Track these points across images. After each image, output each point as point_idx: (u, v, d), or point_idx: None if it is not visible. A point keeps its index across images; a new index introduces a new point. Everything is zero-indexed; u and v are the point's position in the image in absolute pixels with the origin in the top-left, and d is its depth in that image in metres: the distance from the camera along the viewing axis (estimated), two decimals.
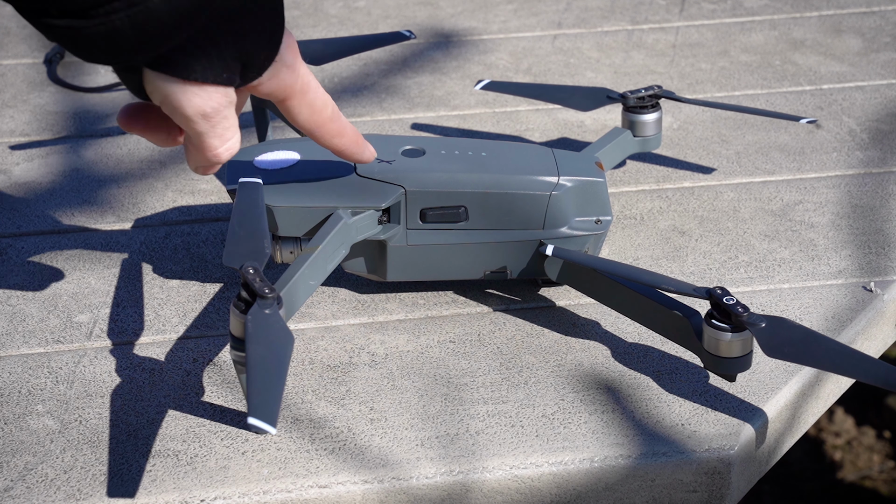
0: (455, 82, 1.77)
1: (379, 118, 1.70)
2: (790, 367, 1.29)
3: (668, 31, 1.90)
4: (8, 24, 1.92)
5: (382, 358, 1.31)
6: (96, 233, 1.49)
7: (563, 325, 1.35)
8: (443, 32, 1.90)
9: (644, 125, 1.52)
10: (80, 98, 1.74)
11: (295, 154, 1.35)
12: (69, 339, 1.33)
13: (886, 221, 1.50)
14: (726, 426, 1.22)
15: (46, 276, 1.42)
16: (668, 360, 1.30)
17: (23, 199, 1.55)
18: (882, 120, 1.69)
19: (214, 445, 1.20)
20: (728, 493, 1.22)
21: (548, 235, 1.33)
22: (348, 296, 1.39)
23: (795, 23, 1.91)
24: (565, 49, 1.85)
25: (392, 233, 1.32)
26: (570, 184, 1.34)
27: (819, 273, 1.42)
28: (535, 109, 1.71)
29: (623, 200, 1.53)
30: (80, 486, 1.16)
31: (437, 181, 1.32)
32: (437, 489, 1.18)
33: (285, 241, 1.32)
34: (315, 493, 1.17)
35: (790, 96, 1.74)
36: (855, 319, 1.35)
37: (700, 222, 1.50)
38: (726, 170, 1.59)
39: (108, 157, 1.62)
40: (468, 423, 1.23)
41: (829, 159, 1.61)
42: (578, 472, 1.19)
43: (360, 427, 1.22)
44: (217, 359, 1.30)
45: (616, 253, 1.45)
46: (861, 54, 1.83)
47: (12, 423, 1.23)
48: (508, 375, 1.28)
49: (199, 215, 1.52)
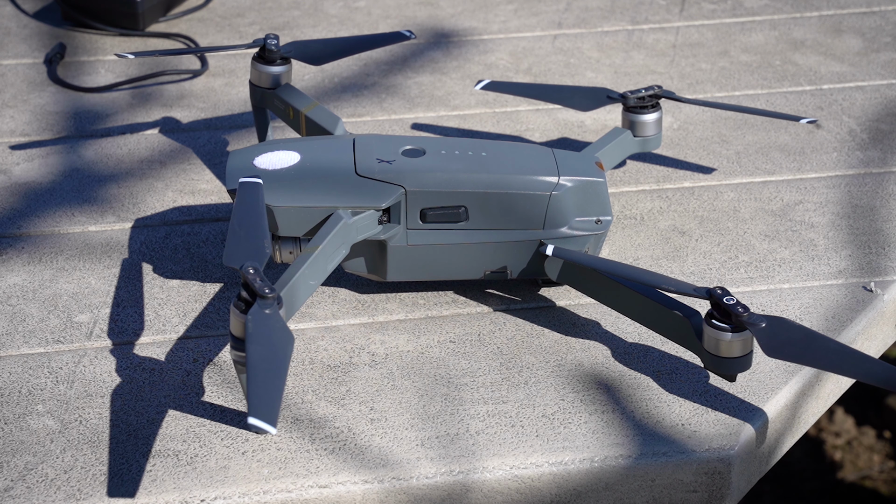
0: (455, 82, 1.77)
1: (379, 118, 1.70)
2: (790, 367, 1.29)
3: (668, 31, 1.90)
4: (8, 24, 1.92)
5: (382, 358, 1.31)
6: (96, 233, 1.49)
7: (563, 325, 1.35)
8: (443, 32, 1.90)
9: (644, 125, 1.52)
10: (80, 98, 1.74)
11: (295, 154, 1.35)
12: (69, 339, 1.33)
13: (886, 221, 1.50)
14: (726, 426, 1.22)
15: (46, 276, 1.42)
16: (668, 360, 1.30)
17: (23, 199, 1.55)
18: (882, 120, 1.69)
19: (214, 445, 1.20)
20: (728, 493, 1.22)
21: (548, 235, 1.33)
22: (348, 296, 1.39)
23: (795, 23, 1.91)
24: (565, 49, 1.85)
25: (392, 233, 1.32)
26: (570, 184, 1.34)
27: (819, 273, 1.42)
28: (535, 109, 1.71)
29: (623, 200, 1.53)
30: (80, 486, 1.16)
31: (437, 181, 1.32)
32: (437, 489, 1.18)
33: (285, 241, 1.32)
34: (315, 493, 1.17)
35: (790, 96, 1.74)
36: (855, 319, 1.35)
37: (700, 222, 1.50)
38: (726, 170, 1.59)
39: (108, 157, 1.62)
40: (468, 423, 1.23)
41: (829, 159, 1.61)
42: (578, 472, 1.19)
43: (360, 427, 1.22)
44: (217, 359, 1.30)
45: (616, 253, 1.45)
46: (861, 54, 1.83)
47: (12, 423, 1.23)
48: (508, 375, 1.28)
49: (199, 215, 1.52)
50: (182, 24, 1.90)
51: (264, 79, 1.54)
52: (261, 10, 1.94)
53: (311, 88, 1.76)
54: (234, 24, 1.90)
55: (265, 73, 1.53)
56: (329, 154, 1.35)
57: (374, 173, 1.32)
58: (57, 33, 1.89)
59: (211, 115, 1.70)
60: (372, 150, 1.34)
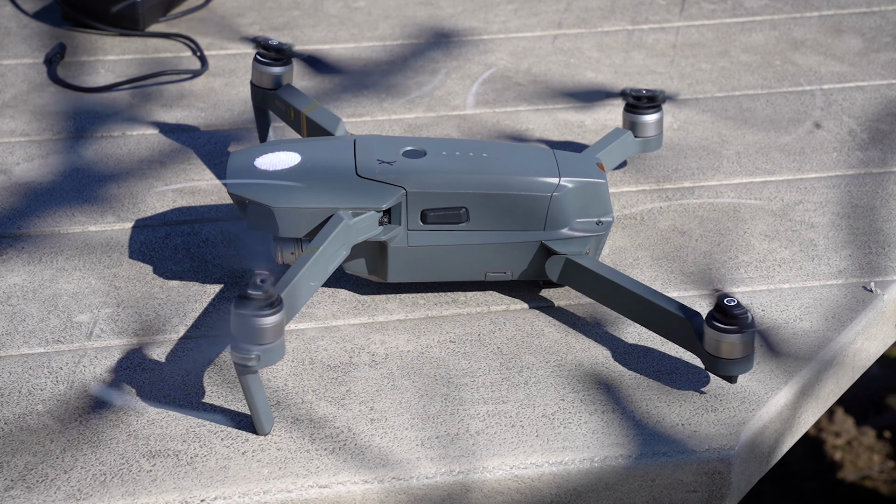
0: (455, 82, 1.77)
1: (379, 118, 1.70)
2: (790, 367, 1.29)
3: (668, 31, 1.90)
4: (8, 24, 1.92)
5: (382, 358, 1.31)
6: (96, 233, 1.49)
7: (563, 325, 1.35)
8: (443, 32, 1.90)
9: (645, 126, 1.52)
10: (80, 98, 1.74)
11: (296, 155, 1.35)
12: (69, 339, 1.33)
13: (886, 221, 1.50)
14: (726, 426, 1.22)
15: (46, 276, 1.42)
16: (668, 360, 1.30)
17: (23, 199, 1.55)
18: (882, 120, 1.69)
19: (214, 445, 1.20)
20: (728, 493, 1.22)
21: (549, 237, 1.33)
22: (348, 296, 1.39)
23: (795, 23, 1.91)
24: (565, 49, 1.85)
25: (393, 234, 1.32)
26: (571, 185, 1.34)
27: (819, 273, 1.42)
28: (535, 109, 1.71)
29: (623, 200, 1.53)
30: (80, 486, 1.16)
31: (438, 182, 1.32)
32: (437, 489, 1.18)
33: (286, 242, 1.32)
34: (315, 493, 1.17)
35: (790, 96, 1.74)
36: (855, 319, 1.35)
37: (700, 222, 1.50)
38: (726, 170, 1.59)
39: (108, 157, 1.62)
40: (468, 423, 1.23)
41: (829, 159, 1.61)
42: (578, 472, 1.19)
43: (361, 427, 1.22)
44: (217, 359, 1.30)
45: (616, 253, 1.45)
46: (861, 54, 1.83)
47: (12, 423, 1.23)
48: (508, 375, 1.28)
49: (199, 215, 1.52)
50: (182, 24, 1.90)
51: (265, 79, 1.54)
52: (261, 10, 1.94)
53: (311, 89, 1.76)
54: (234, 24, 1.90)
55: (266, 73, 1.53)
56: (330, 155, 1.35)
57: (375, 174, 1.32)
58: (57, 33, 1.89)
59: (211, 115, 1.70)
60: (373, 151, 1.34)
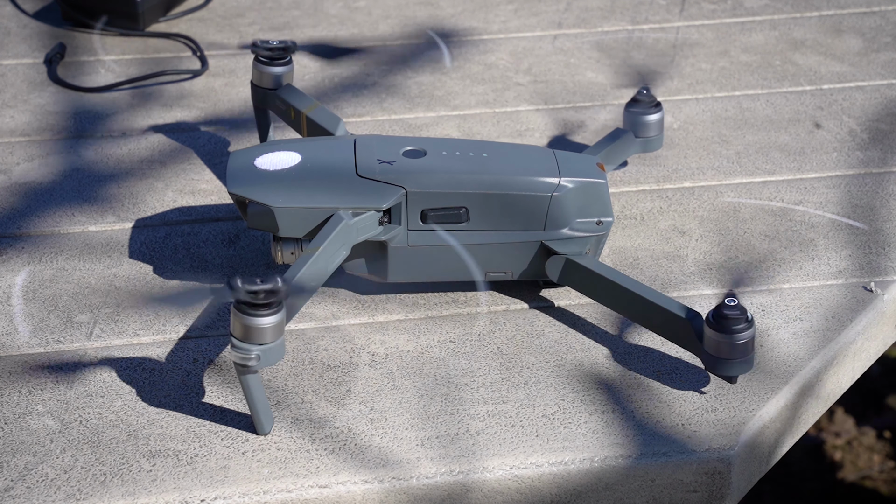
0: (455, 82, 1.77)
1: (379, 118, 1.70)
2: (790, 367, 1.29)
3: (668, 31, 1.90)
4: (8, 24, 1.92)
5: (382, 358, 1.31)
6: (96, 233, 1.49)
7: (563, 325, 1.35)
8: (443, 32, 1.90)
9: (646, 126, 1.52)
10: (80, 98, 1.74)
11: (296, 155, 1.35)
12: (69, 339, 1.33)
13: (886, 221, 1.50)
14: (726, 426, 1.22)
15: (46, 276, 1.42)
16: (668, 360, 1.30)
17: (23, 199, 1.55)
18: (882, 120, 1.69)
19: (214, 445, 1.20)
20: (728, 493, 1.22)
21: (549, 237, 1.33)
22: (348, 296, 1.39)
23: (795, 23, 1.91)
24: (565, 49, 1.85)
25: (393, 234, 1.32)
26: (571, 185, 1.34)
27: (819, 273, 1.42)
28: (535, 109, 1.71)
29: (623, 200, 1.53)
30: (80, 486, 1.16)
31: (438, 182, 1.32)
32: (437, 489, 1.18)
33: (286, 241, 1.32)
34: (315, 493, 1.17)
35: (790, 96, 1.74)
36: (855, 319, 1.35)
37: (700, 222, 1.50)
38: (726, 170, 1.59)
39: (108, 157, 1.62)
40: (468, 423, 1.23)
41: (829, 159, 1.61)
42: (578, 472, 1.19)
43: (360, 427, 1.22)
44: (217, 359, 1.30)
45: (616, 253, 1.45)
46: (861, 54, 1.83)
47: (12, 423, 1.23)
48: (508, 375, 1.28)
49: (199, 215, 1.52)
50: (182, 24, 1.90)
51: (266, 79, 1.54)
52: (261, 10, 1.94)
53: (311, 89, 1.76)
54: (234, 24, 1.90)
55: (266, 73, 1.53)
56: (330, 155, 1.35)
57: (375, 174, 1.32)
58: (57, 33, 1.89)
59: (211, 115, 1.70)
60: (373, 151, 1.34)
